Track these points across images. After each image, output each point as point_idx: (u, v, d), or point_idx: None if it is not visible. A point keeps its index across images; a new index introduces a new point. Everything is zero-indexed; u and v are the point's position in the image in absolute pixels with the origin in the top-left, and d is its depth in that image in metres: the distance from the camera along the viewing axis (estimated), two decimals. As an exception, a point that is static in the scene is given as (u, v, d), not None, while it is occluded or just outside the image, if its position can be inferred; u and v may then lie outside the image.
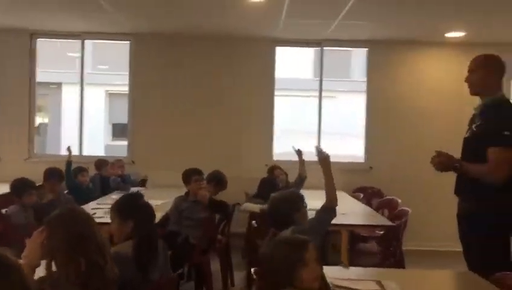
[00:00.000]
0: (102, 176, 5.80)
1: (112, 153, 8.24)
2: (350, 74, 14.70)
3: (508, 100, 3.07)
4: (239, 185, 5.77)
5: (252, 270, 2.63)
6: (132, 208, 2.45)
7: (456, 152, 3.12)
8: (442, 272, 3.08)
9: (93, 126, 13.32)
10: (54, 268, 1.93)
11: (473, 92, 3.15)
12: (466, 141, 3.15)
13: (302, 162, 5.46)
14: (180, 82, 6.75)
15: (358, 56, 14.39)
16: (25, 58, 6.75)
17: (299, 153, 5.50)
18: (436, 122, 6.55)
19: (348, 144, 8.41)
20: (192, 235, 4.23)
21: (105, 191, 5.64)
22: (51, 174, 4.68)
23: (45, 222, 2.04)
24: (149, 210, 2.51)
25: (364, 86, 6.86)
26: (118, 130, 16.82)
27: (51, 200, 4.45)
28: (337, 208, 2.98)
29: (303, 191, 5.23)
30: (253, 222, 5.32)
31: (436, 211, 6.17)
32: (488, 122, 2.97)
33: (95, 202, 5.00)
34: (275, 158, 6.74)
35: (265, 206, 4.60)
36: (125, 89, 6.95)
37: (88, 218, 2.07)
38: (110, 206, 4.53)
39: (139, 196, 2.59)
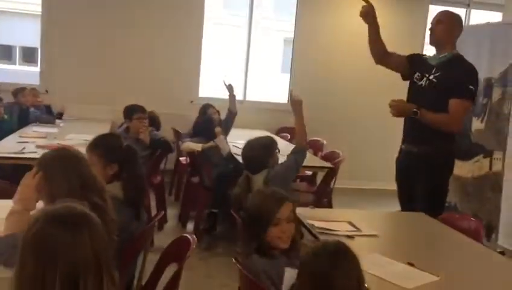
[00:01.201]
0: (21, 105, 5.23)
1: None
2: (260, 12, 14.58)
3: (464, 57, 3.29)
4: (163, 121, 5.61)
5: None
6: (117, 150, 2.32)
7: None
8: (399, 214, 3.34)
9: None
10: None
11: (434, 42, 3.29)
12: (421, 89, 3.26)
13: (232, 97, 5.21)
14: (101, 5, 6.19)
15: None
16: None
17: (230, 88, 5.21)
18: (361, 64, 6.74)
19: (270, 82, 8.43)
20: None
21: (21, 122, 5.13)
22: None
23: (38, 164, 1.86)
24: (133, 151, 2.39)
25: (273, 25, 6.78)
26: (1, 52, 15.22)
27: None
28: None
29: (234, 130, 5.32)
30: (183, 159, 5.28)
31: (360, 153, 6.49)
32: (451, 74, 3.13)
33: (16, 134, 4.56)
34: (200, 95, 6.60)
35: (211, 144, 4.57)
36: (13, 6, 6.17)
37: (83, 158, 1.94)
38: (35, 140, 4.24)
39: (119, 137, 2.44)
